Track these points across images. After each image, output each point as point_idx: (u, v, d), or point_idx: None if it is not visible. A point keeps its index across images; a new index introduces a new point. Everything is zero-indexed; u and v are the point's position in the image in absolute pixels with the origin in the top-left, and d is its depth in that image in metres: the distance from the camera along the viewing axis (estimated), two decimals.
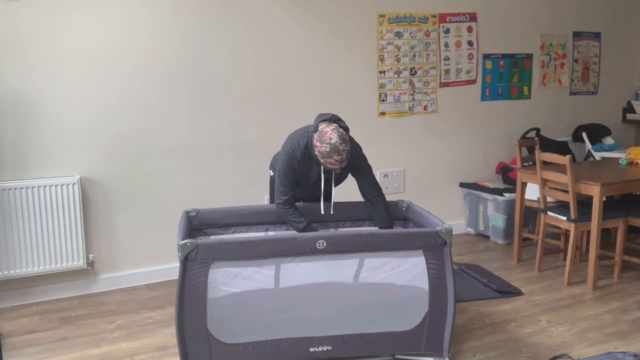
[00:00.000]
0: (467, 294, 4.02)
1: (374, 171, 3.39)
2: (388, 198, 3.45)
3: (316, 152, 3.04)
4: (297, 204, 3.44)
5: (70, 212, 3.97)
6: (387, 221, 3.38)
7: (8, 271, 3.86)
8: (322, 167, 3.16)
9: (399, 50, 5.05)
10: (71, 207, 3.97)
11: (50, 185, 3.90)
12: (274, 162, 3.52)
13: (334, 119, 3.11)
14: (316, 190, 3.33)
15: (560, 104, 5.98)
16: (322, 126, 3.04)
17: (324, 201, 3.34)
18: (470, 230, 5.51)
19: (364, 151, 3.34)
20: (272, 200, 3.60)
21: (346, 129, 3.12)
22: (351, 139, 3.21)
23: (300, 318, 2.91)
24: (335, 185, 3.34)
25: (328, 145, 2.96)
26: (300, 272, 2.87)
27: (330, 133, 2.98)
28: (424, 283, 2.94)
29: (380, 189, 3.38)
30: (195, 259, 2.73)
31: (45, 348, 3.36)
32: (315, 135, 3.04)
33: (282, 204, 3.23)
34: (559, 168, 4.34)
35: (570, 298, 4.02)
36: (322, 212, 3.35)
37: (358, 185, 3.36)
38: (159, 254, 4.35)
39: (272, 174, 3.55)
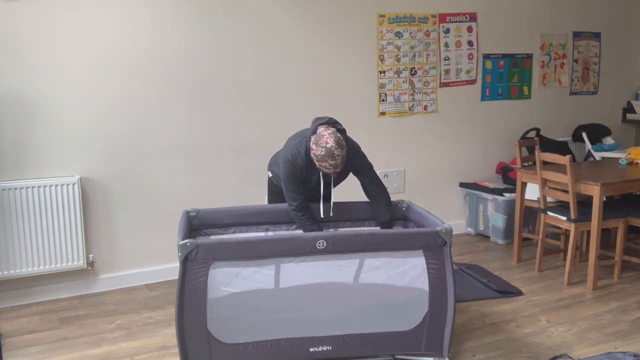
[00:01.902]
0: (467, 294, 4.02)
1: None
2: None
3: (312, 155, 3.04)
4: None
5: (70, 212, 3.97)
6: (386, 216, 3.37)
7: (8, 271, 3.86)
8: (321, 172, 3.17)
9: (399, 50, 5.05)
10: (71, 207, 3.97)
11: (50, 185, 3.90)
12: (273, 164, 3.51)
13: (330, 122, 3.10)
14: (316, 193, 3.33)
15: (560, 104, 5.98)
16: (320, 129, 3.04)
17: (323, 202, 3.34)
18: (470, 230, 5.51)
19: (363, 151, 3.33)
20: (270, 201, 3.60)
21: (343, 132, 3.11)
22: (349, 139, 3.21)
23: (300, 318, 2.91)
24: (335, 186, 3.34)
25: (323, 149, 2.96)
26: (300, 272, 2.87)
27: (327, 137, 2.98)
28: (424, 283, 2.94)
29: (382, 186, 3.37)
30: (195, 259, 2.73)
31: (45, 348, 3.36)
32: (313, 138, 3.03)
33: (296, 209, 3.23)
34: (559, 168, 4.34)
35: (570, 298, 4.02)
36: (322, 215, 3.35)
37: (360, 183, 3.36)
38: (159, 254, 4.35)
39: (270, 175, 3.55)
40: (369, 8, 4.88)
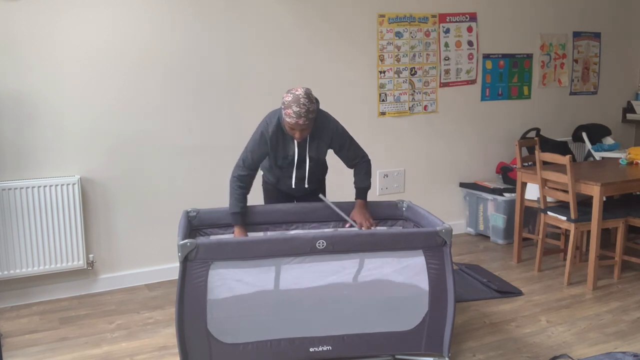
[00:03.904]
0: (467, 294, 4.02)
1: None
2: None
3: (281, 105, 3.03)
4: (292, 204, 3.45)
5: (70, 212, 3.97)
6: (363, 182, 3.36)
7: (8, 271, 3.86)
8: (295, 142, 3.14)
9: (399, 50, 5.05)
10: (71, 207, 3.97)
11: (50, 185, 3.90)
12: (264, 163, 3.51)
13: None
14: (294, 170, 3.29)
15: (560, 104, 5.98)
16: None
17: (296, 175, 3.29)
18: (470, 230, 5.51)
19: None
20: (266, 201, 3.59)
21: (317, 101, 3.12)
22: (327, 114, 3.21)
23: (300, 318, 2.91)
24: (313, 164, 3.26)
25: (291, 96, 2.97)
26: (300, 272, 2.87)
27: (299, 88, 3.01)
28: (424, 283, 2.94)
29: (366, 157, 3.35)
30: (195, 259, 2.73)
31: (45, 348, 3.36)
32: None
33: (237, 178, 3.24)
34: (559, 168, 4.34)
35: (570, 298, 4.02)
36: (293, 186, 3.32)
37: (342, 159, 3.33)
38: (159, 254, 4.35)
39: (262, 173, 3.55)
40: (369, 8, 4.88)
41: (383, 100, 5.06)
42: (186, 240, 2.72)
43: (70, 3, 3.89)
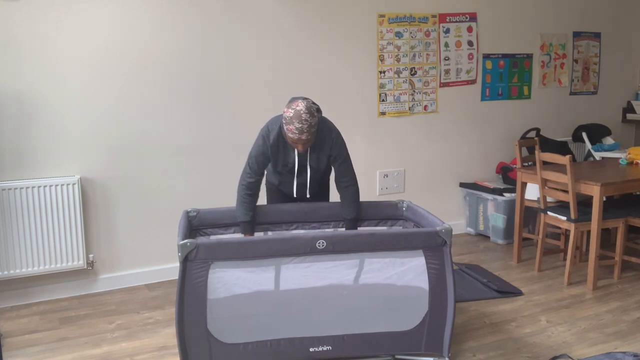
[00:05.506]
0: (467, 294, 4.02)
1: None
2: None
3: (282, 120, 3.04)
4: (293, 204, 3.44)
5: (70, 212, 3.97)
6: (350, 213, 3.35)
7: (8, 271, 3.86)
8: (296, 150, 3.14)
9: (399, 50, 5.05)
10: (71, 207, 3.97)
11: (50, 185, 3.90)
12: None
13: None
14: (294, 178, 3.30)
15: (560, 104, 5.98)
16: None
17: (296, 185, 3.30)
18: (470, 230, 5.51)
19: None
20: (269, 200, 3.59)
21: (318, 110, 3.12)
22: (328, 122, 3.21)
23: (300, 318, 2.91)
24: (313, 173, 3.27)
25: (292, 111, 2.96)
26: (300, 272, 2.87)
27: (299, 102, 2.99)
28: (424, 283, 2.94)
29: (354, 180, 3.32)
30: (195, 259, 2.73)
31: (45, 348, 3.36)
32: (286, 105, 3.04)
33: (245, 186, 3.24)
34: (559, 168, 4.34)
35: (570, 298, 4.02)
36: (295, 195, 3.33)
37: (334, 173, 3.32)
38: (159, 254, 4.35)
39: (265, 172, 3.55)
40: (369, 8, 4.88)
41: (383, 100, 5.06)
42: (186, 240, 2.72)
43: (70, 3, 3.89)
